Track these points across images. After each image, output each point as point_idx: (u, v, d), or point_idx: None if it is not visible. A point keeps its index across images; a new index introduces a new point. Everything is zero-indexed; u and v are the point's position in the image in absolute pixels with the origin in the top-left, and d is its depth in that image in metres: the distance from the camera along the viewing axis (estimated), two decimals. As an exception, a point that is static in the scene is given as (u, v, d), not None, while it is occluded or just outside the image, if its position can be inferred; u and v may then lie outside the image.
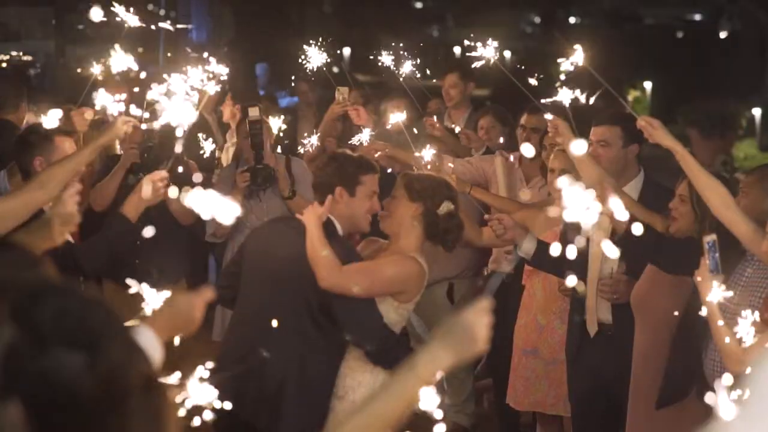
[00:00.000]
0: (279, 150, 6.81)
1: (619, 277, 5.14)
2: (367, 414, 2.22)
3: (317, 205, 4.51)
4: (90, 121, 5.89)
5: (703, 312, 4.05)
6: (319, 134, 6.86)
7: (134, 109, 5.05)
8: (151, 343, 2.48)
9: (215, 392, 2.74)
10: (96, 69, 5.75)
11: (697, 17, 29.25)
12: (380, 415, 2.23)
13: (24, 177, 4.88)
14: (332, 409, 4.44)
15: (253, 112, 6.33)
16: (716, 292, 3.98)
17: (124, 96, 6.25)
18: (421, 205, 4.57)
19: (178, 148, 4.53)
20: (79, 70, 5.94)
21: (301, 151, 6.88)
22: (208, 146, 6.51)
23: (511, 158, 6.73)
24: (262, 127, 6.34)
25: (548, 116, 4.96)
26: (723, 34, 26.87)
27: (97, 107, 5.53)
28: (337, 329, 4.45)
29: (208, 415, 2.78)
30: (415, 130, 6.23)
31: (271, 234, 4.77)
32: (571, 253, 2.22)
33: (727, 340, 3.90)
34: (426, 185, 4.64)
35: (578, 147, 4.73)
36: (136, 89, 5.66)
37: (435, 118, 7.46)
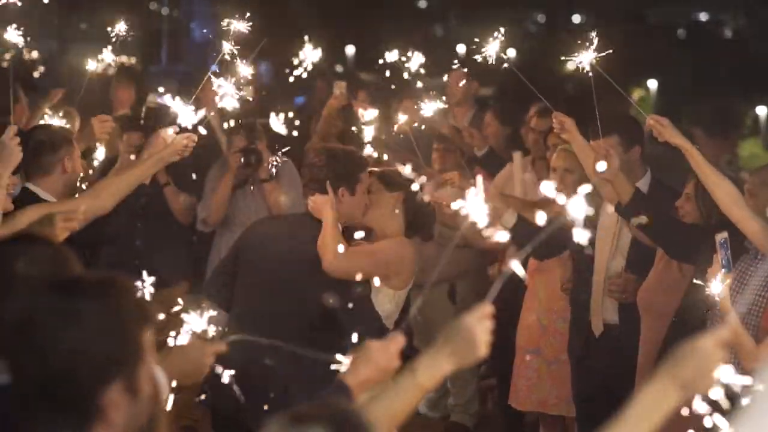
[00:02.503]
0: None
1: (628, 277, 5.13)
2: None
3: (330, 197, 4.54)
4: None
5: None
6: (318, 131, 6.86)
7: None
8: (159, 381, 2.49)
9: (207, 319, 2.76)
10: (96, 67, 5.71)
11: (702, 16, 29.24)
12: (379, 419, 2.21)
13: (39, 177, 4.78)
14: None
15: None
16: (727, 289, 3.99)
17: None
18: (402, 193, 4.67)
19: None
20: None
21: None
22: None
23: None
24: (254, 108, 6.38)
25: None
26: (728, 33, 26.85)
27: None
28: (336, 331, 4.42)
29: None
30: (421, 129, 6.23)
31: (269, 232, 4.74)
32: (581, 237, 2.19)
33: (741, 335, 3.89)
34: (398, 175, 4.76)
35: (583, 142, 4.74)
36: None
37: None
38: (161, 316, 2.63)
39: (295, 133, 6.66)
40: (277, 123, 6.55)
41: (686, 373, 2.09)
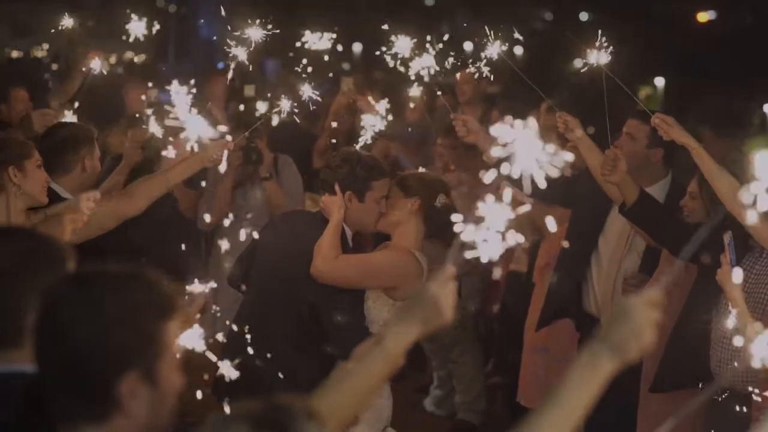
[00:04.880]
0: None
1: (643, 278, 5.13)
2: (341, 391, 2.21)
3: (339, 199, 4.51)
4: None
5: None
6: (326, 126, 6.87)
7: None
8: None
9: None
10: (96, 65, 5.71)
11: (709, 14, 29.20)
12: (352, 391, 2.23)
13: (60, 174, 4.78)
14: None
15: (248, 90, 6.37)
16: (739, 288, 4.01)
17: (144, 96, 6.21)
18: (418, 198, 4.58)
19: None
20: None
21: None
22: None
23: None
24: (254, 105, 6.39)
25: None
26: (735, 31, 26.79)
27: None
28: (320, 331, 4.42)
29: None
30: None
31: (283, 228, 4.75)
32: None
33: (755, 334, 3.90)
34: (418, 180, 4.69)
35: (588, 142, 4.74)
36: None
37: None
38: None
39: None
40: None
41: (618, 337, 2.04)
